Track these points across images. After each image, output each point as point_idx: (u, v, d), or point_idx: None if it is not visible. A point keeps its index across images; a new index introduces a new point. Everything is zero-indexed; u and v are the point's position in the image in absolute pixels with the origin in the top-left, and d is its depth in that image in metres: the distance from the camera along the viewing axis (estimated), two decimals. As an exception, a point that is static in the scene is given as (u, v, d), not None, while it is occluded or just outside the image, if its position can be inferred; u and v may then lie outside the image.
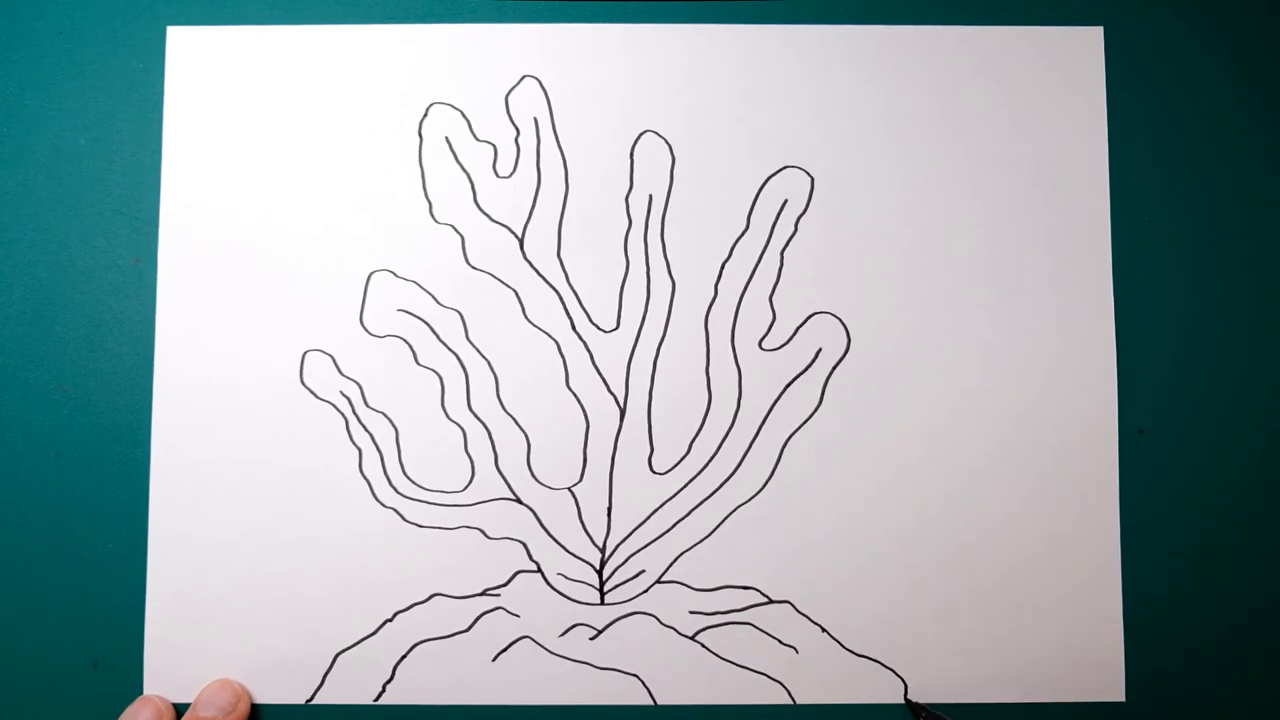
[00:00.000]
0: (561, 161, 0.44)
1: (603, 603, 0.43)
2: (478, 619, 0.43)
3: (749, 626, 0.43)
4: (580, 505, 0.44)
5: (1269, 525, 0.44)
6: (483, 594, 0.43)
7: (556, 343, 0.44)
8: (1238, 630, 0.43)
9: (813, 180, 0.44)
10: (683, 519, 0.44)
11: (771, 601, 0.43)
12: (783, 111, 0.45)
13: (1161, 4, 0.45)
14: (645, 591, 0.43)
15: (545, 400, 0.44)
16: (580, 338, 0.44)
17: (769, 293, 0.44)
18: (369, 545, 0.43)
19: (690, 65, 0.45)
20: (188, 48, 0.45)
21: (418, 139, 0.44)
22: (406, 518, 0.43)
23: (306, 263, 0.44)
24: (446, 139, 0.44)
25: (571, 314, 0.44)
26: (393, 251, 0.44)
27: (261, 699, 0.43)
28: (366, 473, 0.43)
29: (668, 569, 0.44)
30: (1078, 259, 0.44)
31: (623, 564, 0.44)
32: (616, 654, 0.43)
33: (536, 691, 0.43)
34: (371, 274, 0.44)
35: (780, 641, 0.43)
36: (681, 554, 0.44)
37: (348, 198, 0.44)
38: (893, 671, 0.43)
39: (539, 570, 0.44)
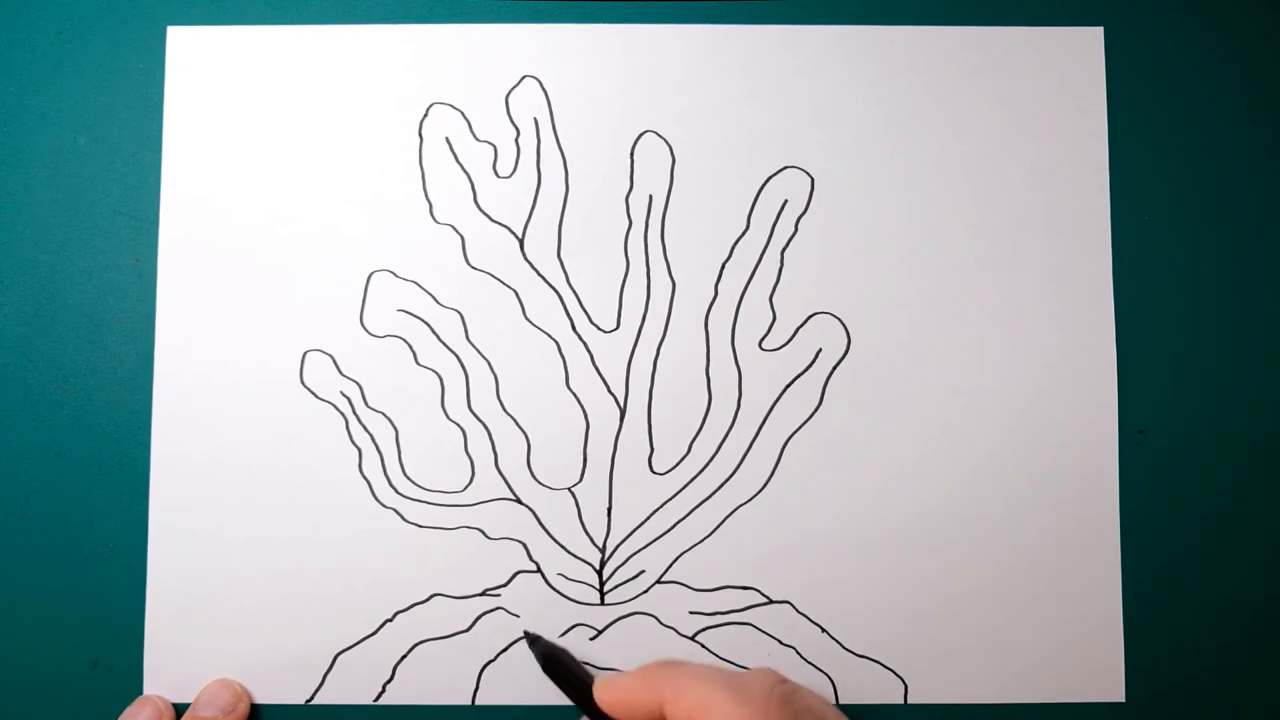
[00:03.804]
0: (561, 161, 0.44)
1: (603, 603, 0.43)
2: (478, 619, 0.43)
3: (749, 626, 0.43)
4: (580, 505, 0.44)
5: (1269, 525, 0.44)
6: (483, 594, 0.43)
7: (556, 343, 0.44)
8: (1238, 630, 0.43)
9: (813, 180, 0.44)
10: (683, 519, 0.44)
11: (771, 601, 0.43)
12: (783, 111, 0.45)
13: (1161, 4, 0.45)
14: (645, 592, 0.44)
15: (545, 400, 0.44)
16: (580, 338, 0.44)
17: (769, 293, 0.44)
18: (369, 545, 0.43)
19: (690, 65, 0.45)
20: (188, 48, 0.45)
21: (418, 139, 0.44)
22: (406, 518, 0.43)
23: (306, 263, 0.44)
24: (446, 139, 0.44)
25: (571, 314, 0.44)
26: (393, 251, 0.44)
27: (261, 699, 0.43)
28: (366, 473, 0.43)
29: (668, 569, 0.44)
30: (1078, 259, 0.44)
31: (623, 564, 0.44)
32: (617, 654, 0.43)
33: (536, 691, 0.43)
34: (371, 274, 0.44)
35: (780, 641, 0.43)
36: (681, 554, 0.44)
37: (348, 198, 0.44)
38: (893, 672, 0.43)
39: (539, 570, 0.44)
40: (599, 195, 0.44)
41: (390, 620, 0.43)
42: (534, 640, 0.42)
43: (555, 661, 0.41)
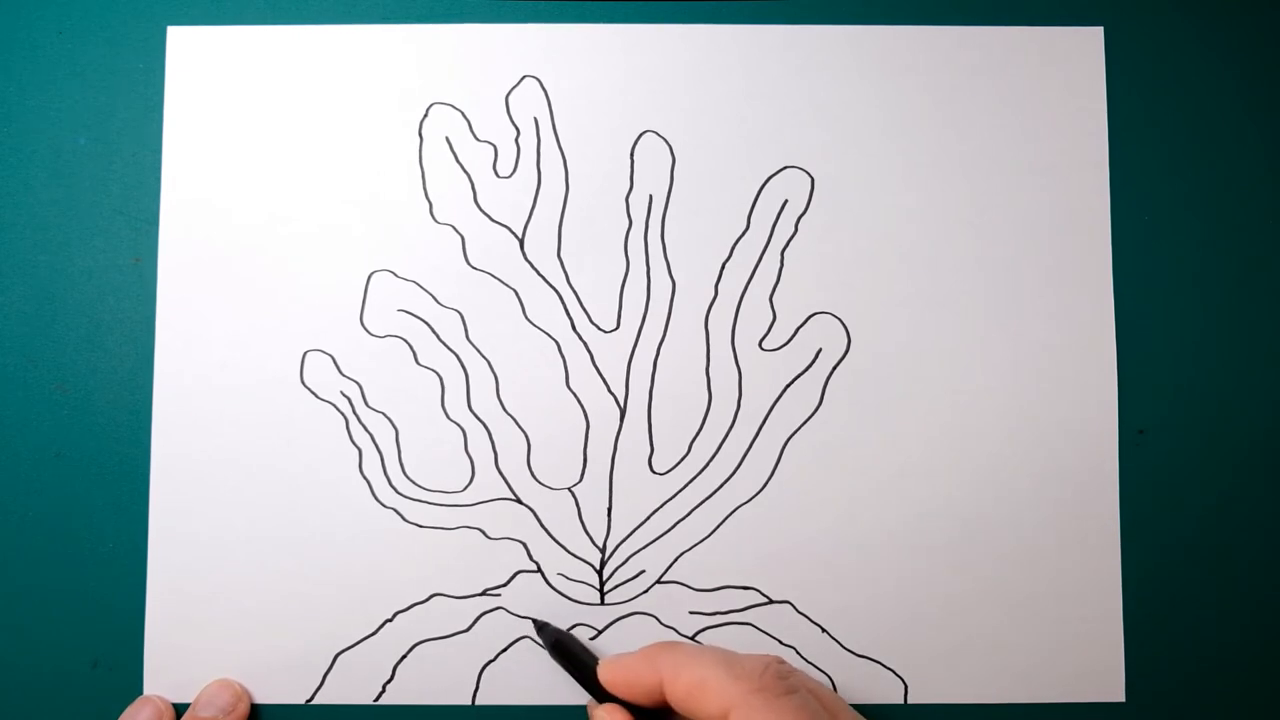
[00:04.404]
0: (561, 161, 0.44)
1: (603, 603, 0.43)
2: (478, 619, 0.43)
3: (749, 627, 0.43)
4: (580, 505, 0.44)
5: (1269, 525, 0.44)
6: (483, 594, 0.43)
7: (556, 343, 0.44)
8: (1238, 630, 0.43)
9: (813, 180, 0.44)
10: (683, 519, 0.44)
11: (771, 601, 0.43)
12: (783, 111, 0.45)
13: (1161, 4, 0.45)
14: (645, 592, 0.44)
15: (545, 400, 0.44)
16: (580, 338, 0.44)
17: (769, 293, 0.44)
18: (369, 545, 0.43)
19: (690, 65, 0.45)
20: (188, 48, 0.45)
21: (418, 139, 0.44)
22: (406, 518, 0.43)
23: (306, 263, 0.44)
24: (447, 139, 0.44)
25: (571, 314, 0.44)
26: (393, 251, 0.44)
27: (261, 699, 0.43)
28: (366, 473, 0.43)
29: (668, 569, 0.44)
30: (1078, 259, 0.44)
31: (623, 564, 0.44)
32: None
33: (536, 692, 0.43)
34: (371, 274, 0.44)
35: (780, 641, 0.43)
36: (682, 554, 0.44)
37: (348, 198, 0.44)
38: (893, 672, 0.43)
39: (539, 570, 0.44)
40: (599, 195, 0.44)
41: (390, 620, 0.43)
42: (542, 627, 0.42)
43: (563, 646, 0.42)
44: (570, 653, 0.41)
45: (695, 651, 0.38)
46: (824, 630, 0.43)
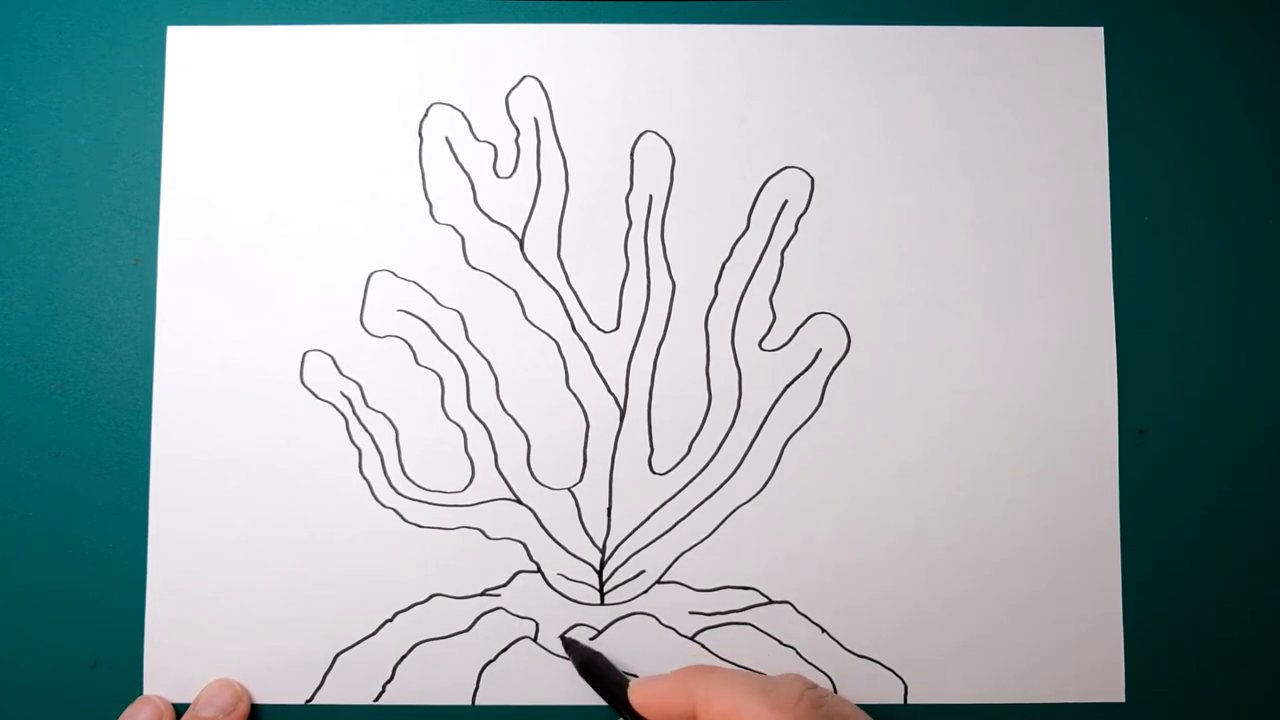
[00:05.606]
0: (561, 161, 0.44)
1: (603, 603, 0.43)
2: (478, 619, 0.43)
3: (749, 627, 0.43)
4: (580, 505, 0.44)
5: (1269, 525, 0.44)
6: (483, 594, 0.43)
7: (556, 343, 0.44)
8: (1238, 630, 0.43)
9: (813, 180, 0.44)
10: (683, 519, 0.44)
11: (771, 601, 0.43)
12: (783, 111, 0.45)
13: (1161, 4, 0.45)
14: (645, 592, 0.44)
15: (545, 400, 0.44)
16: (580, 338, 0.44)
17: (769, 293, 0.44)
18: (369, 545, 0.43)
19: (690, 65, 0.45)
20: (188, 48, 0.45)
21: (418, 139, 0.44)
22: (406, 518, 0.43)
23: (306, 263, 0.44)
24: (447, 139, 0.45)
25: (571, 314, 0.44)
26: (393, 251, 0.44)
27: (261, 699, 0.43)
28: (366, 473, 0.43)
29: (668, 569, 0.44)
30: (1078, 259, 0.44)
31: (623, 564, 0.44)
32: (617, 654, 0.43)
33: (536, 691, 0.43)
34: (371, 274, 0.44)
35: (780, 642, 0.43)
36: (681, 554, 0.44)
37: (348, 198, 0.44)
38: (893, 672, 0.43)
39: (539, 570, 0.44)
40: (599, 195, 0.44)
41: (390, 620, 0.43)
42: (570, 644, 0.42)
43: (593, 666, 0.41)
44: (600, 673, 0.41)
45: (729, 677, 0.38)
46: (824, 630, 0.43)
